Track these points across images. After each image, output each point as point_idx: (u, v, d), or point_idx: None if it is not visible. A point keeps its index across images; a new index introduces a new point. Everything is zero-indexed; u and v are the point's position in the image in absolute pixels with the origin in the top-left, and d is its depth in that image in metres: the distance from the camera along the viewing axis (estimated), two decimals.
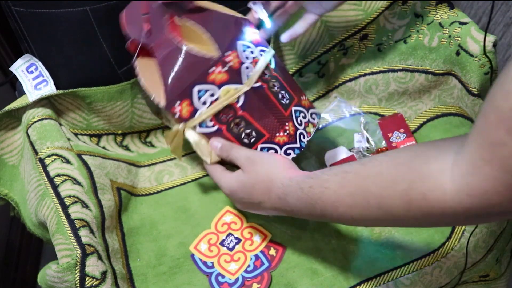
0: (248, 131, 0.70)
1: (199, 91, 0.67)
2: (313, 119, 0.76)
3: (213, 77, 0.67)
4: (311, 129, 0.75)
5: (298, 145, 0.72)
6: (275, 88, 0.71)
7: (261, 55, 0.71)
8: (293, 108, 0.73)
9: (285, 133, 0.72)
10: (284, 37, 0.78)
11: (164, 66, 0.69)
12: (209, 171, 0.73)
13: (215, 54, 0.68)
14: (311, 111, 0.76)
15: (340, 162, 0.83)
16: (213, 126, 0.70)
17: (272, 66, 0.72)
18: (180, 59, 0.68)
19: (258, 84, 0.69)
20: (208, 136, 0.70)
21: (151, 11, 0.72)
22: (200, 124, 0.69)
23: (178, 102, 0.67)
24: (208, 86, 0.68)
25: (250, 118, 0.70)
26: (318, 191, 0.59)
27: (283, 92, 0.72)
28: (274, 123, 0.71)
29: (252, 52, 0.70)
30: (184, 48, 0.69)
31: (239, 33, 0.70)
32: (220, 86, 0.68)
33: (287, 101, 0.72)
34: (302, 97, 0.76)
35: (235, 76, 0.68)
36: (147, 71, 0.71)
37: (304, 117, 0.74)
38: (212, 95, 0.68)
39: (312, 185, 0.59)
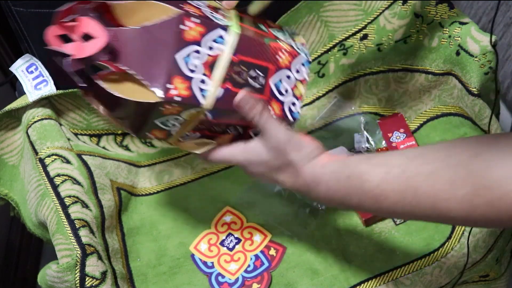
0: (253, 73, 0.61)
1: (184, 59, 0.55)
2: (298, 72, 0.66)
3: (189, 34, 0.55)
4: (301, 89, 0.66)
5: (291, 119, 0.65)
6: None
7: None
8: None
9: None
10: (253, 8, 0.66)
11: (129, 60, 0.55)
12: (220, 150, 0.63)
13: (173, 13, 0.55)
14: (294, 63, 0.65)
15: None
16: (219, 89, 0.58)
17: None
18: (139, 41, 0.55)
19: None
20: (217, 105, 0.58)
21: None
22: (202, 92, 0.57)
23: (169, 85, 0.54)
24: (189, 48, 0.55)
25: (247, 58, 0.60)
26: (357, 182, 0.55)
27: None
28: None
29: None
30: (136, 28, 0.55)
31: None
32: (202, 42, 0.56)
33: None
34: (277, 57, 0.63)
35: (210, 23, 0.57)
36: (116, 88, 0.58)
37: (288, 78, 0.65)
38: (198, 52, 0.56)
39: (350, 176, 0.56)
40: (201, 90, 0.57)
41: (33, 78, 0.78)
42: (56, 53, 0.56)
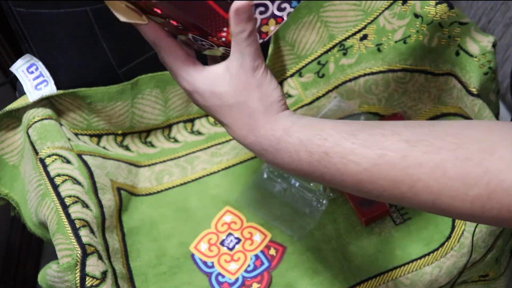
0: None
1: None
2: (280, 10, 0.53)
3: None
4: (271, 27, 0.53)
5: None
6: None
7: None
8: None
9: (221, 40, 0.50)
10: None
11: None
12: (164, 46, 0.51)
13: None
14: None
15: None
16: None
17: None
18: None
19: None
20: None
21: None
22: None
23: None
24: None
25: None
26: (339, 162, 0.46)
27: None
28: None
29: None
30: None
31: None
32: None
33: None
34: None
35: None
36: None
37: (265, 8, 0.53)
38: None
39: (329, 152, 0.47)
40: None
41: (33, 78, 0.79)
42: None
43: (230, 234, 0.78)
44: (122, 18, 0.52)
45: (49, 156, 0.73)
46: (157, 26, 0.51)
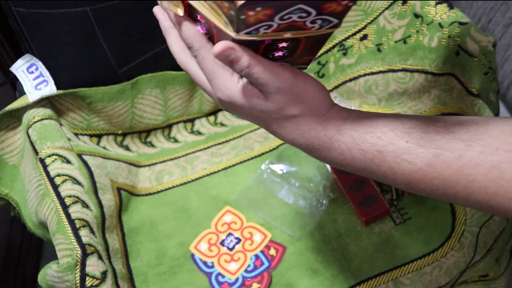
0: None
1: None
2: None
3: None
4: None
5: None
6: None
7: None
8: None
9: None
10: None
11: None
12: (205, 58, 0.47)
13: None
14: None
15: None
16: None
17: None
18: None
19: None
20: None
21: None
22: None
23: None
24: None
25: None
26: (391, 160, 0.45)
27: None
28: None
29: None
30: None
31: None
32: None
33: None
34: None
35: None
36: None
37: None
38: None
39: (383, 151, 0.46)
40: None
41: (33, 78, 0.79)
42: None
43: (230, 234, 0.78)
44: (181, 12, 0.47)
45: (49, 156, 0.73)
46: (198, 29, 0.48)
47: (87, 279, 0.64)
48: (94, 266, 0.65)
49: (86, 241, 0.66)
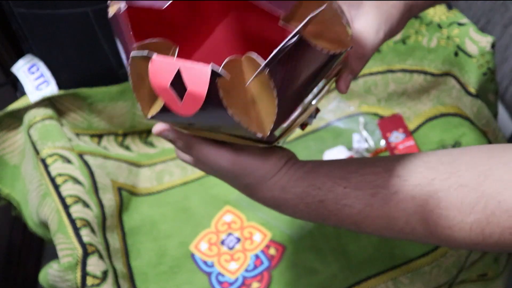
0: None
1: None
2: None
3: None
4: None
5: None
6: None
7: None
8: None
9: None
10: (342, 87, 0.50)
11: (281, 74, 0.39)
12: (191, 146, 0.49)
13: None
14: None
15: None
16: None
17: None
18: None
19: None
20: None
21: None
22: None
23: None
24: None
25: None
26: (333, 208, 0.47)
27: None
28: None
29: None
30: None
31: None
32: None
33: None
34: None
35: None
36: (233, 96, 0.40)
37: None
38: None
39: (324, 200, 0.47)
40: None
41: (34, 79, 0.79)
42: None
43: (230, 233, 0.78)
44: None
45: (50, 156, 0.73)
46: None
47: (88, 278, 0.65)
48: (95, 265, 0.66)
49: (87, 240, 0.66)
